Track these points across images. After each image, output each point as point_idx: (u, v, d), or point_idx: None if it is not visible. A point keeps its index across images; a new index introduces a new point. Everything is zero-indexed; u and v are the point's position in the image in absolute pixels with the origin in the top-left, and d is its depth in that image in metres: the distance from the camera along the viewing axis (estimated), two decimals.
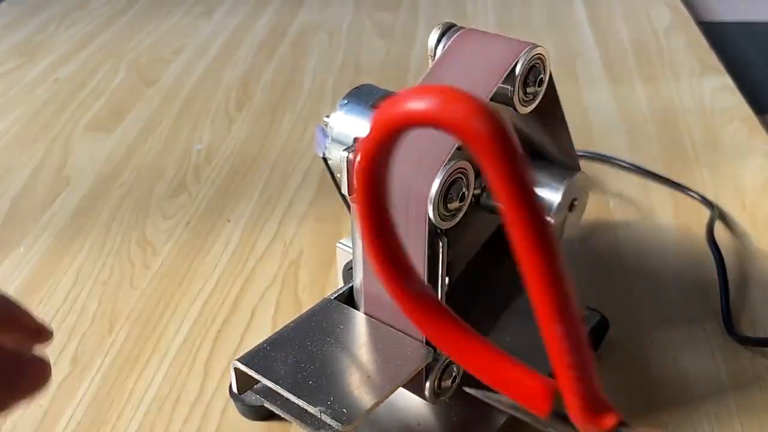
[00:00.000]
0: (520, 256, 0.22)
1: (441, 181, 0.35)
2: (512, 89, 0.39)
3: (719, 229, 0.63)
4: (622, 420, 0.25)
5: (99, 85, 0.92)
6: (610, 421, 0.25)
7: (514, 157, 0.21)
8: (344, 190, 0.39)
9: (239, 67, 0.95)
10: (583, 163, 0.48)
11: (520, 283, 0.50)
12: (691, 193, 0.67)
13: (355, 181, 0.24)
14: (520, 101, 0.40)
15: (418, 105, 0.21)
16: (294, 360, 0.38)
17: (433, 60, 0.40)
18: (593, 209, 0.66)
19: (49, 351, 0.52)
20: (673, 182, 0.69)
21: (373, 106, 0.48)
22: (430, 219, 0.36)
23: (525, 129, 0.47)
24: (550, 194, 0.45)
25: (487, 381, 0.26)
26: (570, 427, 0.25)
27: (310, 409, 0.35)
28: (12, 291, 0.58)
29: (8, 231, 0.66)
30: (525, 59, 0.38)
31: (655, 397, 0.49)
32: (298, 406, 0.36)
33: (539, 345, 0.52)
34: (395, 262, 0.26)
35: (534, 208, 0.21)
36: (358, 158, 0.23)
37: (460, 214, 0.38)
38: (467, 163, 0.36)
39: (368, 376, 0.38)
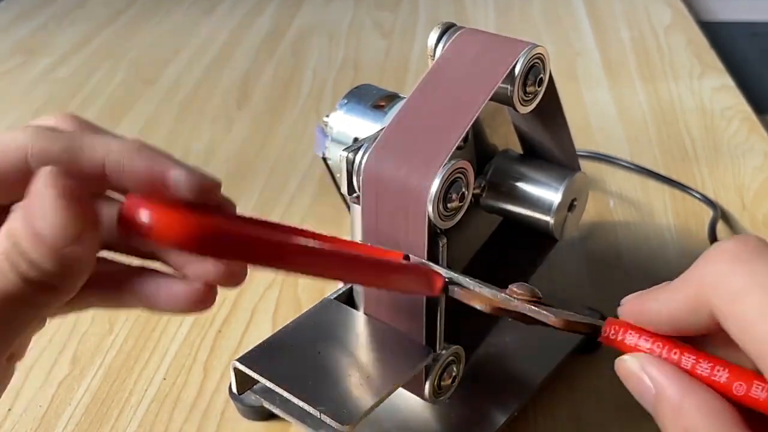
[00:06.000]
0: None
1: (441, 180, 0.35)
2: (512, 89, 0.39)
3: (719, 228, 0.63)
4: (447, 281, 0.34)
5: (98, 84, 0.92)
6: (440, 282, 0.34)
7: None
8: (344, 190, 0.39)
9: (239, 67, 0.95)
10: (583, 163, 0.48)
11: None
12: (692, 193, 0.67)
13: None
14: (519, 101, 0.40)
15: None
16: (294, 360, 0.38)
17: (433, 60, 0.40)
18: (593, 209, 0.66)
19: (48, 351, 0.52)
20: (673, 182, 0.69)
21: (373, 106, 0.47)
22: (429, 218, 0.36)
23: (525, 129, 0.47)
24: (550, 194, 0.45)
25: (385, 288, 0.35)
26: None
27: (310, 409, 0.35)
28: None
29: None
30: (525, 59, 0.38)
31: None
32: (298, 406, 0.36)
33: (539, 345, 0.52)
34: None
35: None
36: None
37: (460, 214, 0.37)
38: (467, 162, 0.36)
39: (368, 376, 0.38)
